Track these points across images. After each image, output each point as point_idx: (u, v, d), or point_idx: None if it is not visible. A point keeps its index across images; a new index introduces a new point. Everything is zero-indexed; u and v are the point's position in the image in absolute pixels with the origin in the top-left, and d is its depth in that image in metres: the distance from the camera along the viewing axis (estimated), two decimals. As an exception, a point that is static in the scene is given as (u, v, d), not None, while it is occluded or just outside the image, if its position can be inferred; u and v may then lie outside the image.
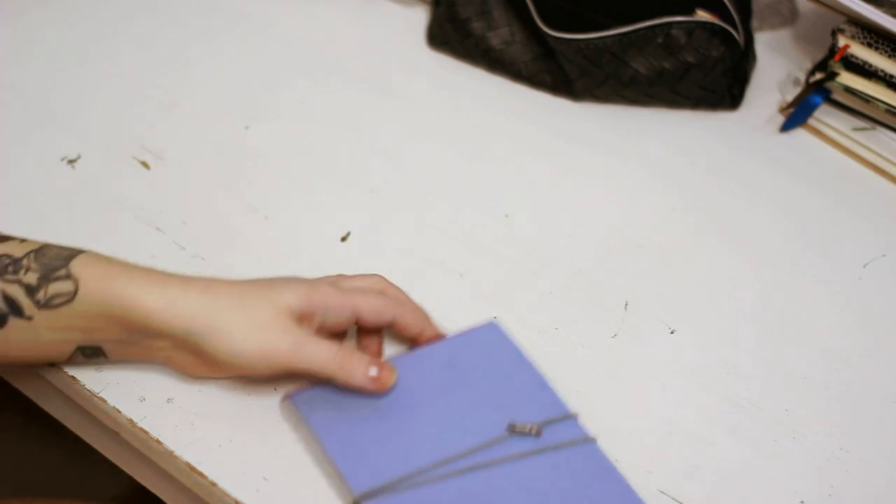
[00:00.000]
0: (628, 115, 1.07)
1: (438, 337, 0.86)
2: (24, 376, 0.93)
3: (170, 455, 0.80)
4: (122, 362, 0.84)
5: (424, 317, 0.86)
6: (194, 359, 0.81)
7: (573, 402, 0.84)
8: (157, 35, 1.11)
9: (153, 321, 0.79)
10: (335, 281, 0.84)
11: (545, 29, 1.06)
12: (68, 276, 0.79)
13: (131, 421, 0.81)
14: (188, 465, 0.79)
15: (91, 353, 0.82)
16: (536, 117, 1.07)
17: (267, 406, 0.82)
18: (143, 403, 0.82)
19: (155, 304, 0.78)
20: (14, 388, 0.96)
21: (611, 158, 1.04)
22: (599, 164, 1.03)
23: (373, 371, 0.81)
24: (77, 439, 0.93)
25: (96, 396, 0.83)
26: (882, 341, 0.91)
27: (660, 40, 1.04)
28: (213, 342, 0.78)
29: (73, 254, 0.80)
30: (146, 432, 0.81)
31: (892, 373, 0.89)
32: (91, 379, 0.83)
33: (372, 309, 0.83)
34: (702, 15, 1.04)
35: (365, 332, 0.86)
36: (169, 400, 0.82)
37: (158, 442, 0.80)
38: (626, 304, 0.92)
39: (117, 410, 0.82)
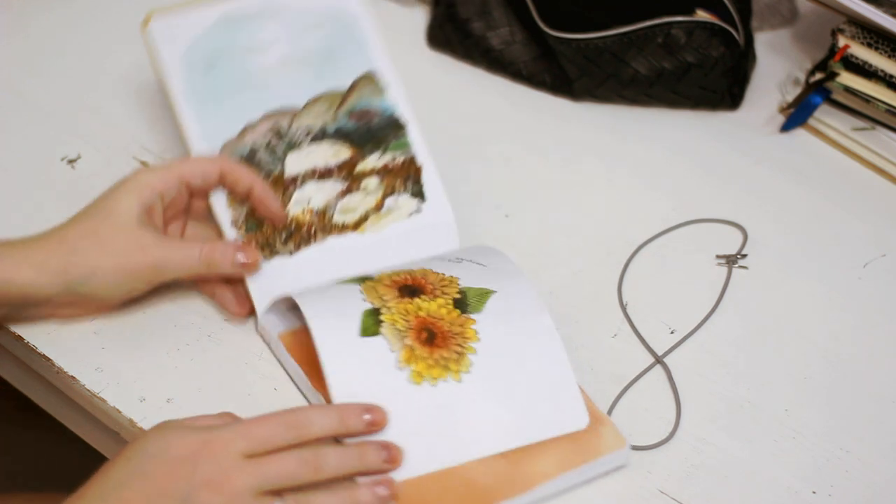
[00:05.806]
0: (628, 115, 1.07)
1: (269, 195, 0.86)
2: (25, 376, 0.92)
3: (170, 455, 0.80)
4: (123, 363, 0.84)
5: (250, 171, 0.86)
6: (75, 309, 0.84)
7: (573, 402, 0.84)
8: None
9: (31, 290, 0.81)
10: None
11: (545, 29, 1.06)
12: None
13: (131, 421, 0.81)
14: (188, 465, 0.79)
15: None
16: (536, 117, 1.07)
17: (267, 406, 0.82)
18: (143, 403, 0.82)
19: (27, 274, 0.81)
20: (14, 388, 0.96)
21: (611, 158, 1.04)
22: (599, 163, 1.03)
23: (240, 257, 0.83)
24: (77, 439, 0.93)
25: (96, 396, 0.82)
26: (882, 341, 0.91)
27: (660, 40, 1.04)
28: (91, 287, 0.82)
29: None
30: (146, 432, 0.81)
31: (892, 373, 0.89)
32: (91, 379, 0.83)
33: (197, 167, 0.85)
34: (702, 15, 1.04)
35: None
36: (169, 400, 0.82)
37: (158, 442, 0.80)
38: (626, 304, 0.92)
39: (117, 410, 0.82)
